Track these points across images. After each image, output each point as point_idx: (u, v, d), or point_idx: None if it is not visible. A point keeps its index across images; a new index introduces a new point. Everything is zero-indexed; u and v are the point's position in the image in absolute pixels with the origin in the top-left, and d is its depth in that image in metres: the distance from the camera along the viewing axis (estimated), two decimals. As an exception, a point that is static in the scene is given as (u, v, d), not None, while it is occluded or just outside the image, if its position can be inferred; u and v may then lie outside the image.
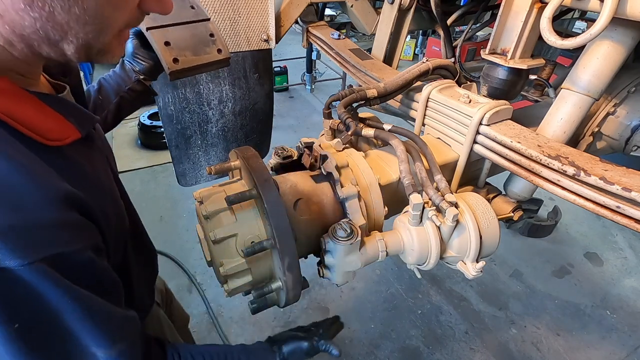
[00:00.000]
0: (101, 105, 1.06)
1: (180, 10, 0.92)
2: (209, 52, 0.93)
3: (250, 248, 0.80)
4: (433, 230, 0.89)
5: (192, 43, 0.91)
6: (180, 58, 0.89)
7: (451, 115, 1.13)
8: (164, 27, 0.88)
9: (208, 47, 0.94)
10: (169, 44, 0.88)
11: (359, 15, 2.01)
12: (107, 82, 1.08)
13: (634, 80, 1.25)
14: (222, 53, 0.96)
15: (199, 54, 0.92)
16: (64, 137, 0.59)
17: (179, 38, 0.89)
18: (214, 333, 2.38)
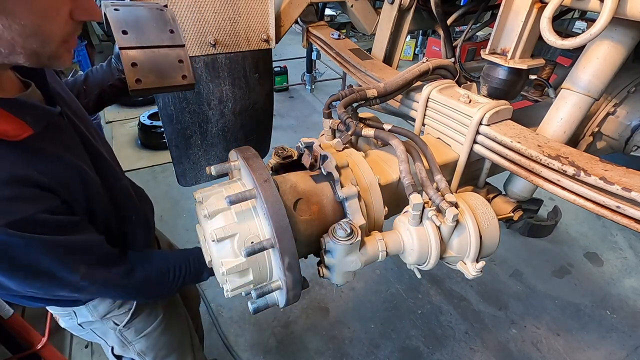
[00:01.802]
0: (84, 93, 1.19)
1: (158, 33, 0.98)
2: (173, 77, 1.00)
3: (250, 248, 0.80)
4: (433, 230, 0.89)
5: (159, 67, 0.98)
6: (143, 79, 0.96)
7: (451, 115, 1.13)
8: (135, 48, 0.95)
9: (174, 72, 1.00)
10: (135, 65, 0.95)
11: (359, 15, 2.01)
12: (93, 74, 1.22)
13: (634, 80, 1.25)
14: (186, 79, 1.02)
15: (162, 78, 0.99)
16: (18, 134, 0.75)
17: (147, 61, 0.96)
18: (214, 333, 2.38)
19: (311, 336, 2.41)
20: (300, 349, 2.34)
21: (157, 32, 0.98)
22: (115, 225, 1.04)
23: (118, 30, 0.94)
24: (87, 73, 1.23)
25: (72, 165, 0.86)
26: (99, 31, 6.43)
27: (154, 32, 0.98)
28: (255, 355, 2.30)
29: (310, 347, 2.35)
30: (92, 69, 1.24)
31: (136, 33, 0.95)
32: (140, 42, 0.95)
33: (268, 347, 2.34)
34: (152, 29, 0.98)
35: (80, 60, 4.95)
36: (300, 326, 2.46)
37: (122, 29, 0.94)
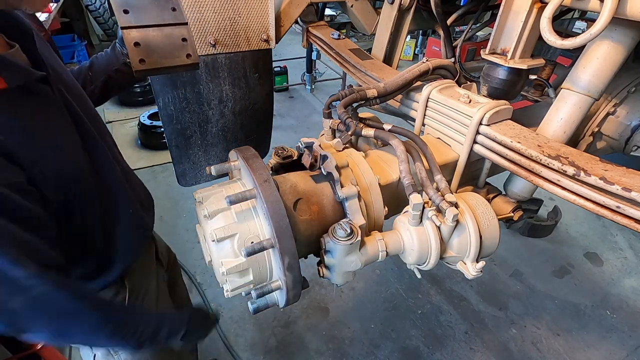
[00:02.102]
0: (90, 80, 1.16)
1: (160, 12, 0.96)
2: (177, 56, 0.97)
3: (250, 248, 0.80)
4: (433, 230, 0.89)
5: (163, 46, 0.95)
6: (147, 59, 0.93)
7: (451, 115, 1.13)
8: (138, 27, 0.92)
9: (178, 51, 0.98)
10: (138, 44, 0.92)
11: (359, 15, 2.00)
12: (98, 60, 1.18)
13: (634, 80, 1.25)
14: (191, 58, 0.99)
15: (166, 57, 0.96)
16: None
17: (150, 40, 0.94)
18: (214, 333, 2.38)
19: (311, 336, 2.41)
20: (300, 349, 2.34)
21: (158, 11, 0.96)
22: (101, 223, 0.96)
23: (119, 9, 0.91)
24: (92, 59, 1.20)
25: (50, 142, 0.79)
26: (99, 31, 6.43)
27: (155, 11, 0.95)
28: (255, 355, 2.30)
29: (310, 347, 2.35)
30: (97, 55, 1.21)
31: (138, 12, 0.93)
32: (142, 21, 0.93)
33: (268, 347, 2.34)
34: (153, 7, 0.95)
35: (80, 60, 4.95)
36: (300, 326, 2.46)
37: (124, 9, 0.91)
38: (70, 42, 5.14)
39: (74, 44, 5.07)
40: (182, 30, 0.98)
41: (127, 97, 4.91)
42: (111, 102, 5.04)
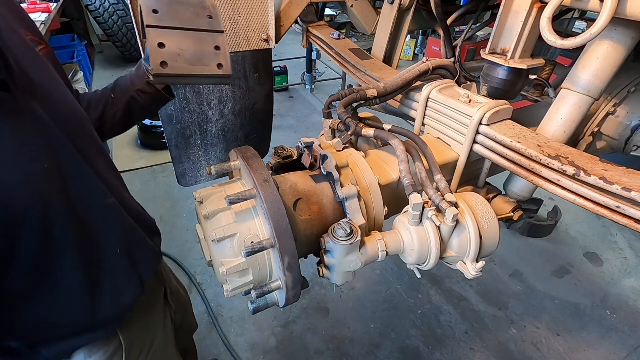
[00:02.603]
0: (112, 103, 1.05)
1: (195, 17, 0.87)
2: (206, 65, 0.86)
3: (250, 248, 0.80)
4: (433, 230, 0.89)
5: (192, 52, 0.85)
6: (170, 63, 0.82)
7: (451, 115, 1.13)
8: (166, 27, 0.82)
9: (208, 59, 0.87)
10: (163, 45, 0.82)
11: (359, 15, 2.00)
12: (121, 81, 1.07)
13: (634, 80, 1.25)
14: (222, 69, 0.88)
15: (194, 64, 0.85)
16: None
17: (177, 42, 0.83)
18: (214, 333, 2.38)
19: (311, 336, 2.41)
20: (300, 349, 2.34)
21: (193, 16, 0.86)
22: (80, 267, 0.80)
23: (149, 9, 0.81)
24: (116, 81, 1.09)
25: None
26: (99, 31, 6.44)
27: (188, 15, 0.85)
28: (255, 355, 2.30)
29: (310, 347, 2.35)
30: (121, 76, 1.10)
31: (168, 13, 0.83)
32: (172, 23, 0.83)
33: (268, 347, 2.34)
34: (187, 12, 0.86)
35: (80, 60, 4.95)
36: (300, 326, 2.46)
37: (153, 9, 0.82)
38: (70, 42, 5.14)
39: (74, 44, 5.06)
40: (216, 38, 0.89)
41: (127, 97, 4.91)
42: (111, 102, 5.04)
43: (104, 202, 0.84)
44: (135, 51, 5.95)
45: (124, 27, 5.70)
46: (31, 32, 0.85)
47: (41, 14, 3.38)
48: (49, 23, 3.34)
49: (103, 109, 1.04)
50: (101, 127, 1.05)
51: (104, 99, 1.05)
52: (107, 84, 1.11)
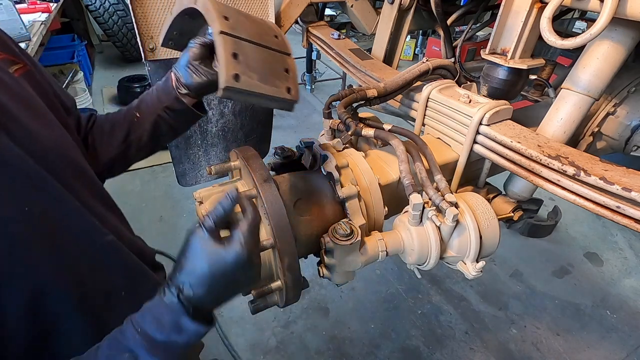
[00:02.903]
0: (137, 124, 0.92)
1: (263, 34, 0.80)
2: (277, 86, 0.77)
3: (250, 248, 0.80)
4: (433, 230, 0.89)
5: (264, 69, 0.76)
6: (243, 77, 0.72)
7: (451, 115, 1.13)
8: (239, 38, 0.73)
9: (279, 80, 0.79)
10: (237, 56, 0.72)
11: (359, 15, 2.00)
12: (146, 97, 0.94)
13: (634, 80, 1.25)
14: (291, 93, 0.80)
15: (265, 83, 0.76)
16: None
17: (252, 57, 0.75)
18: (214, 333, 2.38)
19: (311, 336, 2.41)
20: (300, 349, 2.34)
21: (261, 31, 0.79)
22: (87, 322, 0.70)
23: (218, 14, 0.72)
24: (142, 96, 0.95)
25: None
26: (99, 31, 6.44)
27: (256, 30, 0.78)
28: (255, 355, 2.30)
29: (310, 347, 2.35)
30: (147, 91, 0.95)
31: (239, 23, 0.75)
32: (244, 34, 0.74)
33: (268, 347, 2.34)
34: (254, 26, 0.79)
35: (80, 60, 4.95)
36: (300, 326, 2.46)
37: (225, 14, 0.73)
38: (70, 42, 5.14)
39: (74, 44, 5.06)
40: (285, 59, 0.82)
41: (127, 97, 4.91)
42: (111, 103, 5.05)
43: (100, 241, 0.73)
44: (135, 51, 5.95)
45: (124, 27, 5.70)
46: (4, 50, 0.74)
47: (41, 14, 3.38)
48: (49, 23, 3.34)
49: (127, 130, 0.92)
50: (126, 151, 0.95)
51: (127, 119, 0.93)
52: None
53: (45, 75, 0.81)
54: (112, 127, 0.94)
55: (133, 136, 0.93)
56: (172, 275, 0.61)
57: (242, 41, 0.73)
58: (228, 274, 0.59)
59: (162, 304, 0.58)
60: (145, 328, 0.57)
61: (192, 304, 0.58)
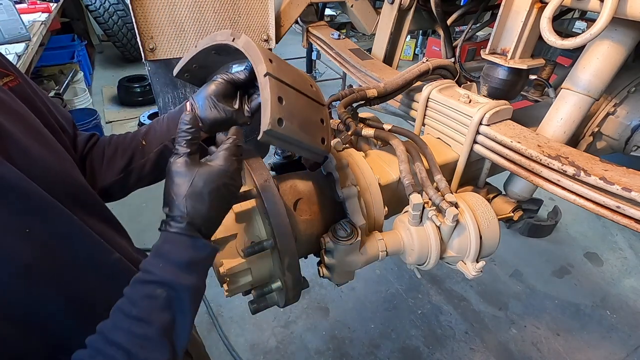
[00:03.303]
0: (142, 151, 0.88)
1: (302, 81, 0.78)
2: (313, 135, 0.76)
3: (250, 248, 0.80)
4: (433, 230, 0.89)
5: (304, 116, 0.74)
6: (286, 122, 0.69)
7: (451, 115, 1.13)
8: (283, 83, 0.71)
9: (316, 129, 0.77)
10: (282, 100, 0.69)
11: (359, 15, 2.01)
12: (156, 125, 0.90)
13: (634, 80, 1.25)
14: (324, 145, 0.78)
15: (304, 131, 0.73)
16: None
17: (294, 103, 0.72)
18: (214, 333, 2.38)
19: (311, 336, 2.41)
20: (300, 349, 2.34)
21: (300, 79, 0.77)
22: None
23: (264, 56, 0.70)
24: (151, 124, 0.91)
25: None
26: (99, 31, 6.44)
27: (295, 77, 0.76)
28: (255, 355, 2.30)
29: (310, 347, 2.35)
30: (162, 116, 0.91)
31: (281, 68, 0.73)
32: (287, 79, 0.72)
33: (268, 347, 2.34)
34: (294, 74, 0.77)
35: (80, 60, 4.95)
36: (300, 326, 2.46)
37: (269, 57, 0.71)
38: (70, 42, 5.14)
39: (73, 44, 5.06)
40: (321, 110, 0.80)
41: (127, 97, 4.91)
42: (111, 102, 5.04)
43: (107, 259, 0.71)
44: (135, 51, 5.95)
45: (124, 27, 5.70)
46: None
47: (41, 14, 3.38)
48: (48, 23, 3.34)
49: (131, 156, 0.88)
50: (126, 178, 0.90)
51: (133, 144, 0.89)
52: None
53: (38, 91, 0.78)
54: (114, 152, 0.90)
55: (135, 164, 0.89)
56: (168, 210, 0.62)
57: (285, 86, 0.71)
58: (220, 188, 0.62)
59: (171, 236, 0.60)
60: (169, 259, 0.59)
61: (196, 225, 0.61)
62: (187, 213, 0.60)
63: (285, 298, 0.86)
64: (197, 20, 1.46)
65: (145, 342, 0.56)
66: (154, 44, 1.44)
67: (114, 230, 0.80)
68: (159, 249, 0.60)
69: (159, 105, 1.66)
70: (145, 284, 0.58)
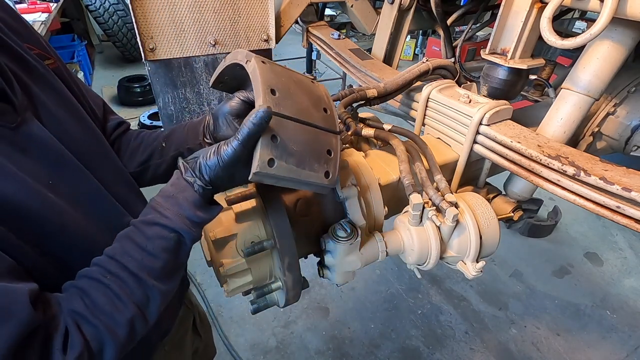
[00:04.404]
0: (160, 152, 0.95)
1: (311, 107, 0.73)
2: (315, 170, 0.71)
3: (250, 248, 0.80)
4: (433, 230, 0.89)
5: (304, 151, 0.70)
6: (279, 162, 0.66)
7: (451, 115, 1.13)
8: (284, 117, 0.68)
9: (318, 163, 0.72)
10: (275, 139, 0.66)
11: (359, 15, 2.01)
12: (178, 130, 0.96)
13: (634, 80, 1.25)
14: (329, 179, 0.73)
15: (302, 167, 0.69)
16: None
17: (293, 138, 0.68)
18: (214, 333, 2.38)
19: (311, 336, 2.41)
20: (300, 349, 2.34)
21: (309, 104, 0.73)
22: None
23: (265, 86, 0.67)
24: (176, 126, 0.98)
25: None
26: (99, 31, 6.44)
27: (305, 103, 0.72)
28: (255, 355, 2.30)
29: (310, 347, 2.35)
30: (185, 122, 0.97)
31: (286, 97, 0.69)
32: (289, 110, 0.68)
33: (268, 347, 2.34)
34: (304, 97, 0.73)
35: (80, 60, 4.95)
36: (300, 326, 2.46)
37: (272, 87, 0.68)
38: (70, 42, 5.14)
39: (74, 44, 5.06)
40: (330, 139, 0.74)
41: (127, 97, 4.92)
42: (111, 102, 5.04)
43: (119, 222, 0.75)
44: (135, 51, 5.95)
45: (124, 27, 5.70)
46: (37, 46, 0.79)
47: (41, 14, 3.38)
48: (49, 23, 3.34)
49: (151, 153, 0.95)
50: (143, 172, 0.97)
51: (155, 143, 0.96)
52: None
53: (72, 75, 0.86)
54: (138, 145, 0.97)
55: (153, 162, 0.95)
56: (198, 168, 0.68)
57: (285, 120, 0.68)
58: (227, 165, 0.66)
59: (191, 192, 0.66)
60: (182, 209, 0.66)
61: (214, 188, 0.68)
62: (210, 182, 0.67)
63: (285, 298, 0.86)
64: (197, 20, 1.46)
65: (152, 272, 0.64)
66: (154, 44, 1.44)
67: (137, 199, 0.88)
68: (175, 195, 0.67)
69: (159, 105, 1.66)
70: (161, 226, 0.65)
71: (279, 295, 0.90)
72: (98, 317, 0.59)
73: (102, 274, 0.62)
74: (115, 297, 0.61)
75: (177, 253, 0.67)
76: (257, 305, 0.90)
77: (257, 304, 0.90)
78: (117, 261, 0.63)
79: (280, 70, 0.72)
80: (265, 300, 0.91)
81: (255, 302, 0.90)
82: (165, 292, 0.67)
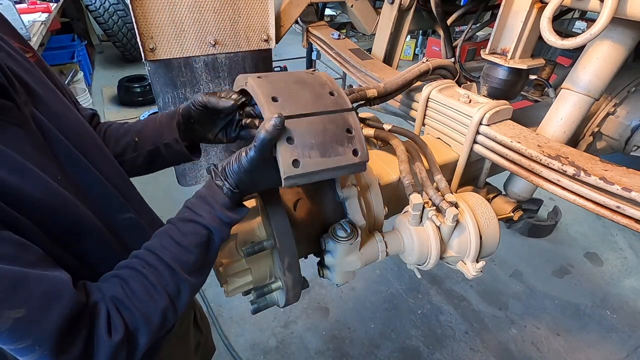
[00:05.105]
0: (134, 147, 0.95)
1: (317, 97, 0.74)
2: (341, 153, 0.71)
3: (250, 248, 0.80)
4: (433, 230, 0.89)
5: (323, 140, 0.70)
6: (303, 160, 0.67)
7: (451, 115, 1.13)
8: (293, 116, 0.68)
9: (342, 145, 0.72)
10: (292, 140, 0.67)
11: (359, 15, 2.01)
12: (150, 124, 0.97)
13: (634, 80, 1.25)
14: (359, 155, 0.73)
15: (327, 155, 0.70)
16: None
17: (308, 132, 0.69)
18: (214, 333, 2.38)
19: (311, 336, 2.41)
20: (300, 349, 2.34)
21: (314, 96, 0.74)
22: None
23: (266, 96, 0.69)
24: (145, 121, 0.98)
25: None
26: (99, 31, 6.43)
27: (309, 96, 0.73)
28: (255, 355, 2.30)
29: (310, 347, 2.35)
30: (153, 117, 0.98)
31: (289, 98, 0.71)
32: (296, 109, 0.69)
33: (268, 347, 2.34)
34: (306, 92, 0.73)
35: (80, 60, 4.94)
36: (300, 326, 2.46)
37: (272, 96, 0.70)
38: (70, 42, 5.13)
39: (74, 44, 5.06)
40: (346, 118, 0.74)
41: (127, 97, 4.91)
42: (111, 102, 5.04)
43: (121, 216, 0.80)
44: (135, 51, 5.95)
45: (124, 27, 5.70)
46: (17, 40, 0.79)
47: (41, 14, 3.38)
48: (49, 23, 3.33)
49: (124, 148, 0.95)
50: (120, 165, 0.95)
51: (126, 137, 0.96)
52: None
53: (49, 69, 0.86)
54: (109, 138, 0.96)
55: (128, 156, 0.95)
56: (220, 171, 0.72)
57: (294, 118, 0.69)
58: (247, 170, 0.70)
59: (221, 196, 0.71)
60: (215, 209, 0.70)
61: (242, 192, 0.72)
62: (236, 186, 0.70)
63: (285, 298, 0.86)
64: (197, 20, 1.46)
65: (185, 266, 0.68)
66: (154, 44, 1.44)
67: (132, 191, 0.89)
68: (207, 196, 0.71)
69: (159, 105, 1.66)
70: (195, 223, 0.70)
71: (279, 295, 0.90)
72: (135, 305, 0.63)
73: (142, 265, 0.66)
74: (152, 287, 0.65)
75: (208, 249, 0.71)
76: (257, 305, 0.90)
77: (257, 304, 0.90)
78: (155, 254, 0.67)
79: (277, 78, 0.75)
80: (265, 300, 0.91)
81: (255, 302, 0.90)
82: (194, 286, 0.71)
